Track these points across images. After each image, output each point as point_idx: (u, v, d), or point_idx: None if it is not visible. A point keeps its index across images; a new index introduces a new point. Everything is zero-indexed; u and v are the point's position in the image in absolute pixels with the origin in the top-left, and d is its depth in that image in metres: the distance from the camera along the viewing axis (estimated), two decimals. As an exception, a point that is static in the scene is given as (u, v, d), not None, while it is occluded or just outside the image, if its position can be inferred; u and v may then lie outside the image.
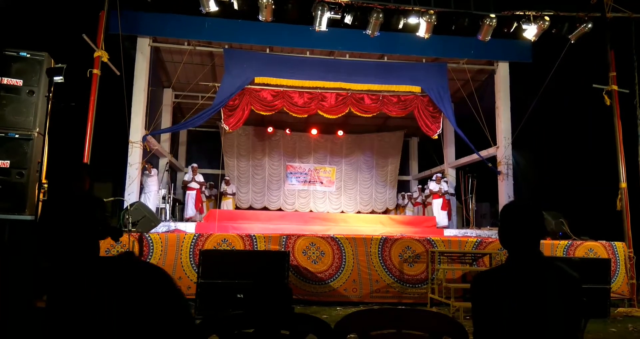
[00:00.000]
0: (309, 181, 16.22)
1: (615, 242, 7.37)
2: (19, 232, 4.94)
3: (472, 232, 9.82)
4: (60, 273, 3.11)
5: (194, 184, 11.59)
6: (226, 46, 9.89)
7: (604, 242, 7.39)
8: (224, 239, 6.66)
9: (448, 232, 9.85)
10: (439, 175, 12.44)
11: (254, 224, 10.06)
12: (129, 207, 6.64)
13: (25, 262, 4.76)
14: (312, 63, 10.28)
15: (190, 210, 11.44)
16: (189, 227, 8.90)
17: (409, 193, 15.61)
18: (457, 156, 13.02)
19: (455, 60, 10.56)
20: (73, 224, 3.55)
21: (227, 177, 14.37)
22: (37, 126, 5.24)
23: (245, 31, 9.48)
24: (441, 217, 11.81)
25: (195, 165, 11.94)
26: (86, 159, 6.62)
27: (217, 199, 13.98)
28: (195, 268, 6.35)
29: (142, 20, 9.14)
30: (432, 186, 12.19)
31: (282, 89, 10.53)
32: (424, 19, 8.12)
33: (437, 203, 11.95)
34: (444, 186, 12.12)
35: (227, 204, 13.87)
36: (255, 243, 6.69)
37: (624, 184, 7.52)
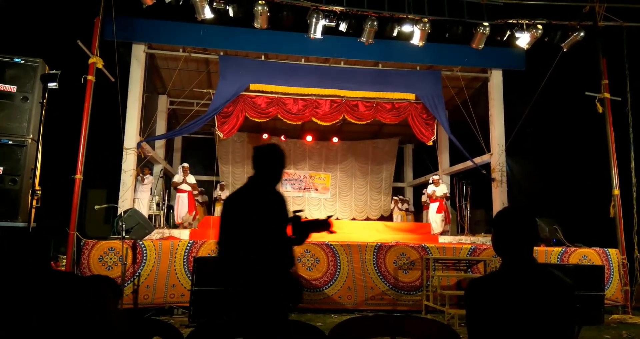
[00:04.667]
0: (304, 188, 16.21)
1: (609, 249, 7.40)
2: (11, 239, 4.90)
3: (466, 239, 9.83)
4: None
5: (184, 186, 10.91)
6: (221, 53, 9.91)
7: (597, 249, 7.42)
8: (218, 246, 6.62)
9: (443, 239, 9.86)
10: (436, 177, 12.27)
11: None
12: (122, 214, 6.60)
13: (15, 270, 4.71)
14: (307, 70, 10.31)
15: (180, 215, 10.97)
16: (183, 235, 8.86)
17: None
18: (452, 163, 13.06)
19: (449, 68, 10.63)
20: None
21: (222, 183, 14.30)
22: (30, 133, 5.22)
23: (241, 38, 9.50)
24: (436, 222, 11.61)
25: (186, 165, 11.19)
26: (80, 165, 6.59)
27: (207, 206, 13.89)
28: (189, 275, 6.31)
29: (137, 27, 9.14)
30: (429, 189, 12.03)
31: (276, 95, 10.55)
32: (418, 27, 8.17)
33: (433, 207, 11.78)
34: (442, 189, 11.91)
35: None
36: (249, 250, 6.66)
37: (616, 191, 7.57)
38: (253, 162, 2.76)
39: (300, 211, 2.76)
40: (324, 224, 2.83)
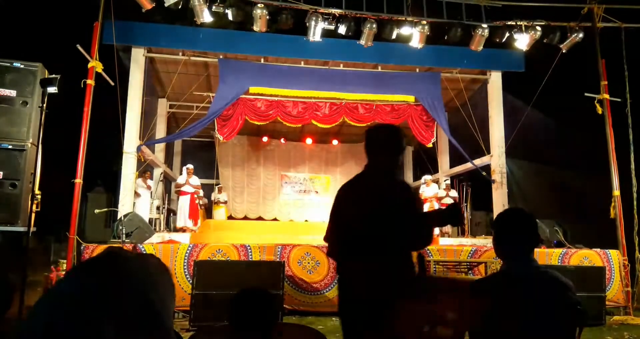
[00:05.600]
0: (304, 191, 16.21)
1: (610, 250, 7.39)
2: (11, 243, 4.90)
3: (467, 241, 9.82)
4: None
5: (187, 188, 10.87)
6: (221, 56, 9.92)
7: (598, 250, 7.41)
8: (219, 249, 6.62)
9: (443, 241, 9.85)
10: (428, 178, 12.24)
11: (248, 234, 10.02)
12: (122, 218, 6.60)
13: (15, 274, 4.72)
14: (307, 73, 10.32)
15: (182, 218, 10.97)
16: (183, 238, 8.85)
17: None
18: (452, 165, 13.06)
19: (449, 69, 10.64)
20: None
21: (220, 185, 14.28)
22: (30, 137, 5.22)
23: (240, 41, 9.52)
24: None
25: (190, 167, 11.17)
26: (80, 170, 6.59)
27: (206, 209, 13.89)
28: (189, 278, 6.30)
29: (136, 31, 9.16)
30: (420, 189, 12.13)
31: (276, 98, 10.56)
32: (417, 29, 8.19)
33: (425, 208, 11.82)
34: (433, 189, 11.90)
35: (220, 213, 13.71)
36: (250, 253, 6.66)
37: (617, 192, 7.56)
38: (366, 148, 2.43)
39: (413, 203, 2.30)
40: (452, 215, 2.27)
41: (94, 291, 0.67)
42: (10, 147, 5.12)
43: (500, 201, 10.00)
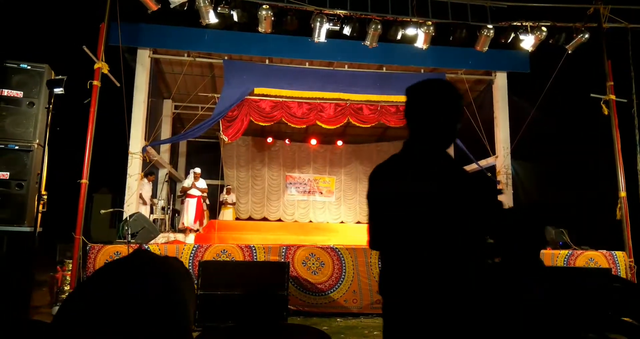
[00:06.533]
0: (309, 191, 16.22)
1: (616, 252, 7.36)
2: (18, 243, 4.93)
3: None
4: None
5: (194, 191, 10.96)
6: (226, 57, 9.95)
7: (604, 251, 7.37)
8: (224, 249, 6.64)
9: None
10: None
11: (253, 235, 10.03)
12: (128, 219, 6.63)
13: (22, 274, 4.75)
14: (311, 74, 10.33)
15: (189, 219, 10.98)
16: (189, 239, 8.87)
17: None
18: (457, 166, 13.02)
19: (454, 70, 10.61)
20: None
21: (228, 186, 14.31)
22: (37, 138, 5.26)
23: (245, 42, 9.54)
24: None
25: (197, 171, 11.23)
26: (86, 170, 6.62)
27: (210, 210, 13.91)
28: (194, 279, 6.32)
29: (142, 32, 9.20)
30: None
31: (281, 99, 10.56)
32: (422, 30, 8.18)
33: None
34: None
35: (227, 214, 13.74)
36: (254, 254, 6.67)
37: (623, 193, 7.53)
38: (408, 114, 1.84)
39: (498, 191, 1.86)
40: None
41: (123, 291, 0.68)
42: (16, 147, 5.17)
43: (505, 202, 9.97)
